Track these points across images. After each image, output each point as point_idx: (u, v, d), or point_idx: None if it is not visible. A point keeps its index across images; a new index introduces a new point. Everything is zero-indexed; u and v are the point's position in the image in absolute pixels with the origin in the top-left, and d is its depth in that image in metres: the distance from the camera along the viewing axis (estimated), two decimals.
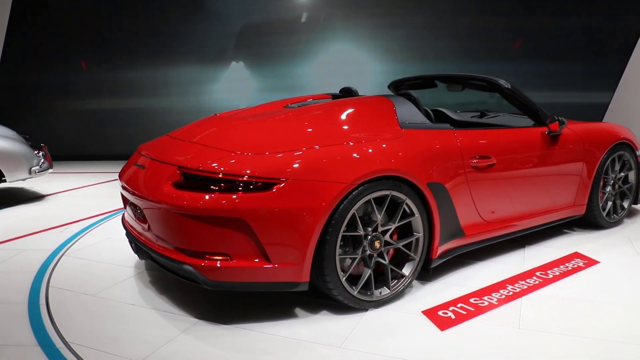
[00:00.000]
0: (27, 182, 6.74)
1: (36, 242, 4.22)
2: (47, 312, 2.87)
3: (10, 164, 5.45)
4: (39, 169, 5.70)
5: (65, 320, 2.74)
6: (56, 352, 2.44)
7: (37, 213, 5.32)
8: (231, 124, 3.18)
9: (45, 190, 6.52)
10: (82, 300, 3.01)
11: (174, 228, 2.57)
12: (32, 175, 5.66)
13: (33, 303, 2.99)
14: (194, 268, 2.52)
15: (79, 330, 2.64)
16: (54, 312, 2.85)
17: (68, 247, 4.07)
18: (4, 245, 4.17)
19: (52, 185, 6.88)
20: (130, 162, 3.24)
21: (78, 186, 6.85)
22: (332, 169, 2.61)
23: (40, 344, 2.51)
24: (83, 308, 2.91)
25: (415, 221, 2.90)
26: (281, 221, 2.49)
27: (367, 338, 2.52)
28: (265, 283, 2.58)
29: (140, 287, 3.14)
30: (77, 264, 3.66)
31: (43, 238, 4.35)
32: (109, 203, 5.57)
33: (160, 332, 2.58)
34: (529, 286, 3.09)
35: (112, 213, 5.18)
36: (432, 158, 2.98)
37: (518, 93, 3.64)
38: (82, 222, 4.83)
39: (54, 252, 3.94)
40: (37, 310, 2.90)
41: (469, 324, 2.65)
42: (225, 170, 2.52)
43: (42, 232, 4.54)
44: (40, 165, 5.73)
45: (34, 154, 5.72)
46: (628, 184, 4.25)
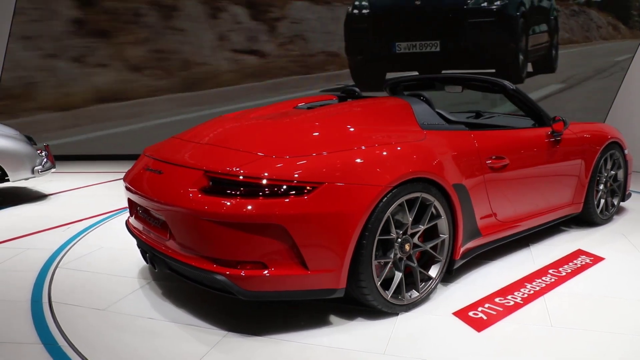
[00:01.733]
0: (29, 181, 6.76)
1: (39, 241, 4.23)
2: (49, 310, 2.88)
3: (13, 164, 5.45)
4: (42, 169, 5.70)
5: (68, 319, 2.74)
6: (58, 350, 2.44)
7: (39, 212, 5.33)
8: (249, 126, 3.07)
9: (48, 190, 6.54)
10: (86, 300, 3.00)
11: (204, 236, 2.44)
12: (35, 175, 5.66)
13: (36, 301, 3.00)
14: (227, 278, 2.40)
15: (83, 329, 2.64)
16: (57, 311, 2.84)
17: (71, 246, 4.08)
18: (7, 244, 4.17)
19: (54, 184, 6.91)
20: (139, 166, 3.07)
21: (80, 186, 6.88)
22: (367, 172, 2.56)
23: (42, 341, 2.52)
24: (88, 308, 2.89)
25: (442, 223, 2.89)
26: (320, 226, 2.42)
27: (407, 343, 2.48)
28: (302, 291, 2.49)
29: (154, 299, 2.97)
30: (80, 263, 3.66)
31: (46, 237, 4.35)
32: (111, 202, 5.58)
33: (190, 347, 2.44)
34: (547, 284, 3.14)
35: (114, 212, 5.19)
36: (455, 159, 2.98)
37: (522, 94, 3.71)
38: (85, 222, 4.84)
39: (57, 251, 3.95)
40: (39, 308, 2.91)
41: (502, 324, 2.65)
42: (260, 175, 2.41)
43: (45, 231, 4.55)
44: (42, 164, 5.73)
45: (37, 154, 5.73)
46: (617, 182, 4.42)
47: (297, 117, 3.07)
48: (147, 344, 2.48)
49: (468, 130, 3.24)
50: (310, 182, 2.42)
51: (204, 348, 2.42)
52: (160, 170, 2.76)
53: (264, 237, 2.38)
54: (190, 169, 2.61)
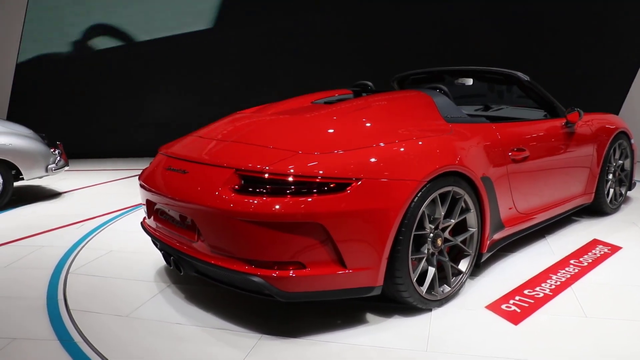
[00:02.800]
0: (43, 179, 6.86)
1: (53, 239, 4.25)
2: (65, 306, 2.89)
3: (27, 162, 5.51)
4: (55, 167, 5.78)
5: (84, 316, 2.75)
6: (74, 346, 2.45)
7: (53, 210, 5.40)
8: (273, 122, 2.99)
9: (62, 188, 6.62)
10: (102, 297, 3.03)
11: (238, 237, 2.36)
12: (49, 173, 5.73)
13: (51, 298, 3.02)
14: (264, 280, 2.32)
15: (98, 325, 2.65)
16: (72, 307, 2.85)
17: (85, 243, 4.10)
18: (22, 242, 4.19)
19: (68, 182, 6.99)
20: (157, 166, 2.97)
21: (94, 183, 6.98)
22: (403, 167, 2.52)
23: (58, 338, 2.54)
24: (104, 306, 2.89)
25: (471, 216, 2.86)
26: (358, 223, 2.36)
27: (448, 338, 2.44)
28: (340, 290, 2.43)
29: (177, 302, 2.88)
30: (94, 261, 3.67)
31: (60, 235, 4.39)
32: (124, 200, 5.65)
33: (228, 352, 2.36)
34: (572, 275, 3.14)
35: (127, 209, 5.26)
36: (481, 152, 2.96)
37: (536, 86, 3.71)
38: (98, 219, 4.89)
39: (71, 248, 3.97)
40: (55, 305, 2.92)
41: (537, 316, 2.64)
42: (297, 172, 2.34)
43: (59, 228, 4.59)
44: (56, 163, 5.81)
45: (50, 152, 5.79)
46: (625, 172, 4.46)
47: (320, 112, 3.01)
48: (178, 348, 2.40)
49: (489, 122, 3.22)
50: (348, 178, 2.36)
51: (240, 353, 2.35)
52: (185, 170, 2.67)
53: (301, 236, 2.31)
54: (219, 167, 2.53)
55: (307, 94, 3.71)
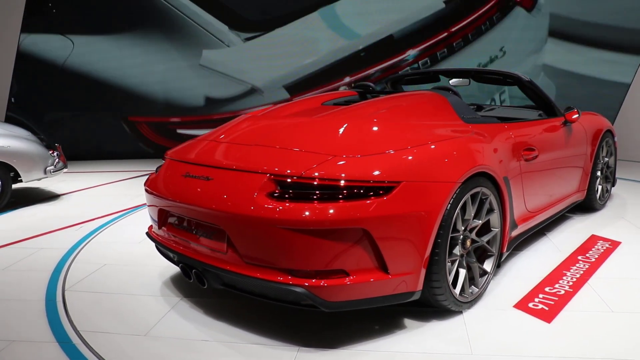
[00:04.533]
0: (42, 181, 6.79)
1: (52, 241, 4.24)
2: (63, 309, 2.87)
3: (26, 164, 5.49)
4: (54, 169, 5.76)
5: (82, 317, 2.74)
6: (73, 347, 2.44)
7: (52, 212, 5.35)
8: (295, 124, 2.88)
9: (60, 190, 6.58)
10: (100, 298, 3.02)
11: (279, 247, 2.24)
12: (47, 175, 5.72)
13: (50, 300, 3.01)
14: (308, 290, 2.22)
15: (95, 327, 2.64)
16: (70, 309, 2.82)
17: (83, 245, 4.09)
18: (20, 244, 4.17)
19: (67, 184, 6.96)
20: (169, 172, 2.80)
21: (92, 185, 6.92)
22: (439, 169, 2.48)
23: (57, 339, 2.53)
24: (101, 306, 2.90)
25: (494, 216, 2.86)
26: (401, 227, 2.30)
27: (488, 340, 2.42)
28: (382, 297, 2.36)
29: (197, 317, 2.71)
30: (93, 263, 3.64)
31: (58, 237, 4.37)
32: (123, 202, 5.69)
33: None
34: (584, 270, 3.20)
35: (127, 211, 5.25)
36: (502, 152, 2.97)
37: (536, 86, 3.78)
38: (97, 221, 4.86)
39: (70, 250, 3.95)
40: (54, 307, 2.91)
41: (566, 314, 2.66)
42: (338, 176, 2.26)
43: (58, 231, 4.56)
44: (55, 165, 5.78)
45: (49, 154, 5.77)
46: (610, 169, 4.63)
47: (341, 114, 2.92)
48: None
49: (502, 123, 3.24)
50: (389, 181, 2.29)
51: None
52: (209, 177, 2.52)
53: (344, 242, 2.23)
54: (250, 173, 2.40)
55: (310, 96, 3.62)
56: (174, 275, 3.30)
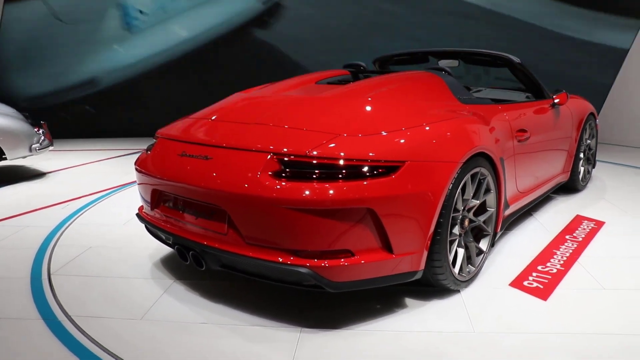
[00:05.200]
0: (27, 159, 6.70)
1: (37, 219, 4.21)
2: (49, 286, 2.87)
3: (11, 142, 5.42)
4: (39, 147, 5.67)
5: (73, 302, 2.67)
6: (58, 324, 2.44)
7: (38, 190, 5.30)
8: (296, 103, 2.82)
9: (46, 168, 6.52)
10: (89, 281, 2.96)
11: (284, 227, 2.20)
12: (33, 153, 5.64)
13: (35, 278, 2.99)
14: (313, 270, 2.18)
15: (82, 304, 2.63)
16: (59, 293, 2.77)
17: (70, 223, 4.07)
18: (6, 222, 4.14)
19: (52, 162, 6.89)
20: (163, 151, 2.71)
21: (78, 163, 6.85)
22: (442, 149, 2.46)
23: (42, 317, 2.52)
24: (91, 289, 2.83)
25: (491, 196, 2.88)
26: (406, 207, 2.29)
27: (488, 318, 2.44)
28: (386, 277, 2.35)
29: (194, 300, 2.65)
30: (79, 240, 3.64)
31: (44, 215, 4.34)
32: (109, 180, 5.67)
33: (275, 348, 2.21)
34: (573, 249, 3.26)
35: (113, 189, 5.24)
36: (498, 133, 2.98)
37: (526, 68, 3.80)
38: (84, 199, 4.84)
39: (56, 228, 3.94)
40: (39, 285, 2.89)
41: (560, 291, 2.70)
42: (346, 155, 2.21)
43: (44, 209, 4.52)
44: (40, 142, 5.69)
45: (34, 132, 5.67)
46: (591, 150, 4.72)
47: (340, 92, 2.87)
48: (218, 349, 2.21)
49: (496, 104, 3.25)
50: (396, 160, 2.27)
51: (288, 349, 2.20)
52: (207, 156, 2.44)
53: (350, 222, 2.20)
54: (252, 152, 2.33)
55: (301, 75, 3.56)
56: (165, 257, 3.23)
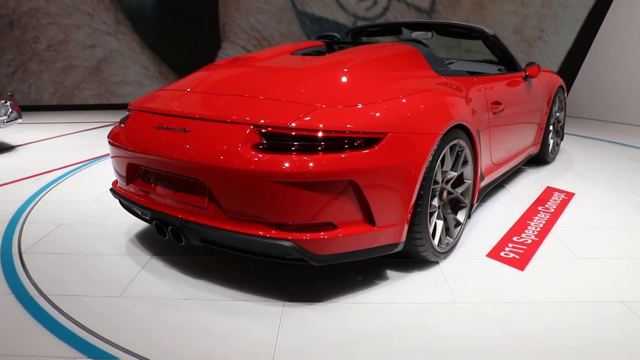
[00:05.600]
0: None
1: (7, 193, 4.13)
2: (20, 261, 2.83)
3: None
4: (7, 119, 5.54)
5: (47, 280, 2.60)
6: (30, 299, 2.41)
7: (6, 164, 5.16)
8: (271, 73, 2.75)
9: (15, 141, 6.38)
10: (63, 258, 2.88)
11: (266, 200, 2.16)
12: (0, 126, 5.52)
13: (5, 253, 2.94)
14: (296, 244, 2.17)
15: (59, 283, 2.56)
16: (32, 272, 2.70)
17: (40, 197, 4.01)
18: None
19: (21, 135, 6.77)
20: (138, 124, 2.62)
21: (48, 137, 6.71)
22: (422, 120, 2.46)
23: (13, 292, 2.49)
24: (66, 267, 2.76)
25: (468, 168, 2.90)
26: (388, 179, 2.28)
27: (468, 288, 2.48)
28: (368, 249, 2.35)
29: (173, 276, 2.61)
30: (50, 215, 3.58)
31: (14, 189, 4.25)
32: (81, 153, 5.58)
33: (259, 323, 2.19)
34: (546, 220, 3.34)
35: (85, 163, 5.17)
36: (475, 105, 2.99)
37: (499, 41, 3.81)
38: (54, 173, 4.75)
39: (26, 202, 3.87)
40: (9, 259, 2.85)
41: (536, 261, 2.77)
42: (327, 127, 2.18)
43: (13, 182, 4.44)
44: (8, 115, 5.56)
45: (1, 104, 5.55)
46: (560, 123, 4.81)
47: (318, 64, 2.83)
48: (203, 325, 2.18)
49: (471, 76, 3.26)
50: (378, 132, 2.25)
51: (272, 323, 2.18)
52: (186, 128, 2.37)
53: (333, 195, 2.18)
54: (232, 124, 2.28)
55: (275, 46, 3.48)
56: (141, 233, 3.16)
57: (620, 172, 4.52)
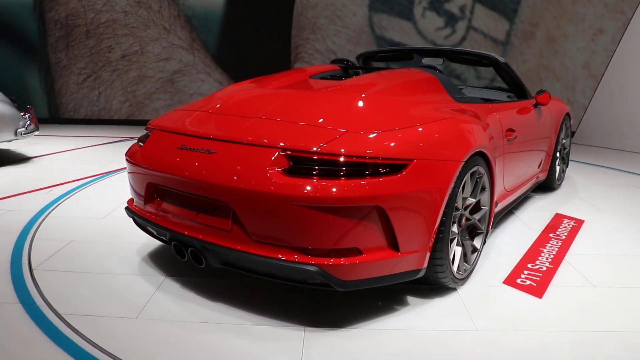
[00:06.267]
0: (12, 143, 6.69)
1: (20, 204, 4.18)
2: (29, 271, 2.86)
3: None
4: (25, 131, 5.65)
5: (60, 299, 2.55)
6: (37, 309, 2.43)
7: (22, 175, 5.28)
8: (299, 97, 2.76)
9: (31, 153, 6.50)
10: (75, 277, 2.83)
11: (293, 224, 2.14)
12: (18, 137, 5.61)
13: (15, 262, 2.97)
14: (322, 269, 2.15)
15: (78, 310, 2.46)
16: (46, 291, 2.64)
17: (53, 208, 4.05)
18: None
19: (38, 147, 6.88)
20: (159, 144, 2.61)
21: (64, 149, 6.86)
22: (446, 147, 2.47)
23: (21, 301, 2.51)
24: (79, 286, 2.71)
25: (485, 195, 2.91)
26: (414, 205, 2.28)
27: (488, 315, 2.47)
28: (391, 275, 2.33)
29: (189, 298, 2.57)
30: (61, 226, 3.62)
31: (27, 199, 4.32)
32: (95, 167, 5.69)
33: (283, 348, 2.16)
34: (559, 247, 3.35)
35: (99, 176, 5.24)
36: (492, 132, 3.01)
37: (510, 68, 3.86)
38: (68, 185, 4.83)
39: (38, 213, 3.91)
40: (19, 269, 2.88)
41: (553, 289, 2.76)
42: (355, 152, 2.18)
43: (27, 193, 4.51)
44: (26, 127, 5.67)
45: (20, 116, 5.65)
46: (566, 150, 4.86)
47: (342, 89, 2.84)
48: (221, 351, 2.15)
49: (486, 103, 3.29)
50: (404, 158, 2.26)
51: (295, 348, 2.16)
52: (210, 149, 2.37)
53: (359, 220, 2.17)
54: (260, 147, 2.27)
55: (291, 69, 3.50)
56: (152, 252, 3.12)
57: (626, 199, 4.56)
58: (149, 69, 9.78)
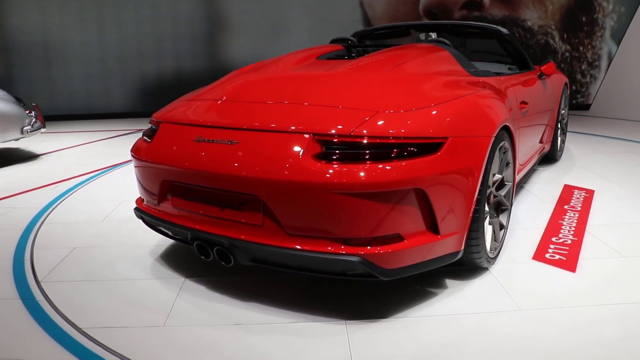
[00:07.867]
0: (19, 142, 6.65)
1: (26, 200, 4.21)
2: (30, 267, 2.85)
3: (2, 124, 5.38)
4: (31, 129, 5.68)
5: (77, 312, 2.39)
6: (35, 304, 2.44)
7: (29, 172, 5.29)
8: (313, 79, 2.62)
9: (38, 150, 6.54)
10: (89, 285, 2.69)
11: (332, 214, 2.01)
12: (24, 135, 5.65)
13: (18, 259, 2.98)
14: (365, 258, 2.03)
15: (99, 322, 2.29)
16: (60, 304, 2.47)
17: (57, 204, 4.06)
18: None
19: (44, 145, 6.96)
20: (171, 137, 2.42)
21: (70, 145, 6.92)
22: (477, 123, 2.37)
23: (21, 297, 2.52)
24: (94, 294, 2.56)
25: (509, 170, 2.83)
26: (452, 185, 2.18)
27: (528, 294, 2.39)
28: (433, 260, 2.23)
29: (216, 298, 2.43)
30: (66, 222, 3.64)
31: (33, 196, 4.33)
32: (101, 161, 5.71)
33: (328, 344, 2.04)
34: (577, 219, 3.31)
35: (104, 170, 5.26)
36: (511, 105, 2.93)
37: (515, 40, 3.78)
38: (73, 180, 4.84)
39: (43, 209, 3.93)
40: (21, 265, 2.88)
41: (584, 262, 2.71)
42: (390, 133, 2.06)
43: (33, 190, 4.52)
44: (32, 125, 5.70)
45: (26, 114, 5.67)
46: (564, 120, 4.84)
47: (360, 68, 2.70)
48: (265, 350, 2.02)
49: (499, 76, 3.20)
50: (440, 137, 2.14)
51: (340, 342, 2.04)
52: (232, 140, 2.20)
53: (400, 204, 2.06)
54: (288, 133, 2.12)
55: (295, 51, 3.33)
56: (165, 253, 2.95)
57: (627, 167, 4.57)
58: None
